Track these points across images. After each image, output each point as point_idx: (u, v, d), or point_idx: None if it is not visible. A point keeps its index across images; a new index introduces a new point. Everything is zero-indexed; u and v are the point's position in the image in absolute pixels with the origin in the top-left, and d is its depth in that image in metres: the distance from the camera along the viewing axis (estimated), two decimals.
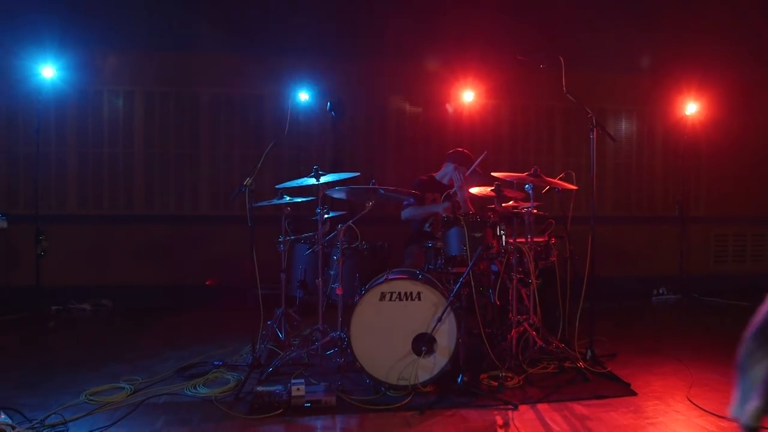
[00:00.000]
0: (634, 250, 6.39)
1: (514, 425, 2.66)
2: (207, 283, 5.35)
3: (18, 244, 5.17)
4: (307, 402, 2.81)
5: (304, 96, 5.49)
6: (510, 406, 2.86)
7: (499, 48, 5.51)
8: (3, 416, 2.59)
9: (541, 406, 2.89)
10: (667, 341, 4.26)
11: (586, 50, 5.69)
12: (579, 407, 2.88)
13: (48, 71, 4.93)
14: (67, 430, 2.57)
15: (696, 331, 4.80)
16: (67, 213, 5.42)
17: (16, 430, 2.52)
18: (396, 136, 5.96)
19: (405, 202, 4.06)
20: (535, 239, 3.63)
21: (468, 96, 5.83)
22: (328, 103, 5.11)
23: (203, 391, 3.09)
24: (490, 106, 6.04)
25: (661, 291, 6.21)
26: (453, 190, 4.01)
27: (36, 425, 2.59)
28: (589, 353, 3.53)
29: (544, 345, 3.43)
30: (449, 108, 5.98)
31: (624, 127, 6.44)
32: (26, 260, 5.05)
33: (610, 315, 5.12)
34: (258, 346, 3.53)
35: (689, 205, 6.60)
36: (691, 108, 6.32)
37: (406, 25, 5.68)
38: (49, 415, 2.68)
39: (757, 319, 0.85)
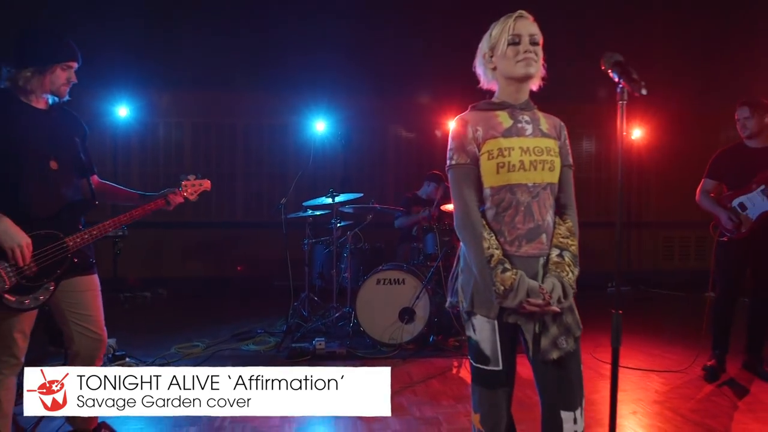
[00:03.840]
0: (592, 250, 7.64)
1: (465, 367, 3.98)
2: (238, 268, 6.73)
3: (98, 245, 6.51)
4: (327, 352, 4.15)
5: (319, 125, 6.80)
6: (464, 357, 4.16)
7: (478, 83, 6.80)
8: (128, 359, 3.94)
9: None
10: (600, 319, 5.52)
11: (555, 84, 6.97)
12: None
13: (123, 111, 6.31)
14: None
15: (626, 312, 6.07)
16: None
17: (139, 365, 3.88)
18: (394, 157, 7.29)
19: (397, 214, 5.37)
20: None
21: (453, 124, 7.12)
22: (339, 131, 6.45)
23: (253, 347, 4.43)
24: None
25: (613, 284, 7.46)
26: (433, 207, 5.30)
27: (149, 363, 3.94)
28: None
29: None
30: (438, 134, 7.29)
31: (585, 146, 7.72)
32: (105, 258, 6.40)
33: None
34: (289, 320, 4.85)
35: (642, 212, 7.87)
36: (637, 132, 7.60)
37: (402, 65, 6.98)
38: (156, 359, 4.03)
39: (453, 269, 2.13)
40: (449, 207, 5.01)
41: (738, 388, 3.56)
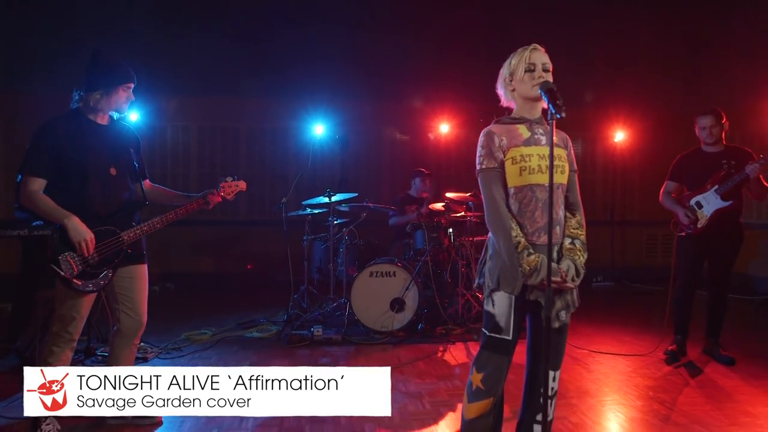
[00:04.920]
0: None
1: (449, 351, 4.37)
2: (248, 267, 7.13)
3: None
4: (324, 338, 4.54)
5: (318, 129, 7.17)
6: (450, 343, 4.56)
7: (469, 89, 7.20)
8: (142, 343, 4.32)
9: (469, 344, 4.58)
10: (580, 309, 5.90)
11: None
12: None
13: (134, 116, 6.69)
14: (181, 352, 4.32)
15: (605, 304, 6.46)
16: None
17: (154, 350, 4.27)
18: (389, 158, 7.68)
19: (390, 213, 5.75)
20: (478, 238, 5.32)
21: (444, 127, 7.53)
22: (337, 135, 6.85)
23: (257, 334, 4.82)
24: (462, 134, 7.73)
25: (598, 279, 7.84)
26: (423, 207, 5.69)
27: (163, 348, 4.34)
28: None
29: (481, 309, 5.11)
30: (431, 136, 7.68)
31: None
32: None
33: None
34: (289, 310, 5.24)
35: (626, 210, 8.24)
36: (621, 134, 7.98)
37: (396, 72, 7.36)
38: (168, 344, 4.43)
39: (482, 256, 2.51)
40: (438, 205, 5.41)
41: (694, 369, 3.95)
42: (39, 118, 2.72)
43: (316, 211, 5.41)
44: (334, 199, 5.06)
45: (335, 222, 5.24)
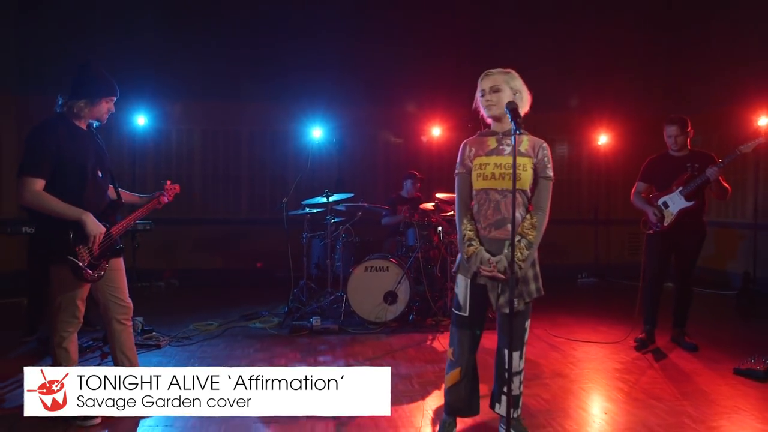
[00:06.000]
0: (564, 245, 8.42)
1: (437, 340, 4.74)
2: (258, 264, 7.51)
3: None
4: (322, 328, 4.90)
5: (316, 132, 7.52)
6: (438, 332, 4.92)
7: (458, 95, 7.55)
8: (155, 333, 4.67)
9: None
10: (563, 303, 6.29)
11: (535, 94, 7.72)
12: None
13: (141, 119, 7.04)
14: (191, 340, 4.67)
15: (587, 299, 6.84)
16: (147, 218, 7.50)
17: (165, 338, 4.61)
18: (384, 160, 8.04)
19: (384, 213, 6.12)
20: None
21: (436, 131, 7.90)
22: (334, 138, 7.22)
23: (259, 325, 5.18)
24: (453, 137, 8.09)
25: (583, 275, 8.21)
26: (416, 209, 6.03)
27: (173, 337, 4.69)
28: None
29: None
30: (424, 139, 8.05)
31: (557, 151, 8.47)
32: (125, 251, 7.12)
33: None
34: (290, 303, 5.59)
35: (610, 210, 8.63)
36: (605, 137, 8.35)
37: (391, 78, 7.73)
38: (178, 333, 4.78)
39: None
40: (428, 205, 5.77)
41: (659, 354, 4.33)
42: None
43: (315, 211, 5.76)
44: (331, 199, 5.42)
45: (333, 221, 5.59)
